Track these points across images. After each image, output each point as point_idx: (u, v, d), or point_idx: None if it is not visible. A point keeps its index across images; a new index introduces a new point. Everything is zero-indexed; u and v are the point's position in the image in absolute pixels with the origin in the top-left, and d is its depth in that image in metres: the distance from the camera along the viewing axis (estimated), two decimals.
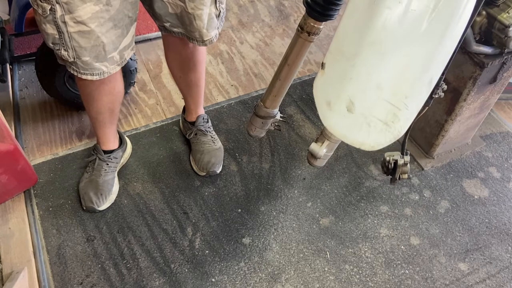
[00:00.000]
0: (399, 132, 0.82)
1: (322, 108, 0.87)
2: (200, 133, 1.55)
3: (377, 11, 0.75)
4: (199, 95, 1.52)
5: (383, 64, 0.78)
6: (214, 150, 1.54)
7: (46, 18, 1.02)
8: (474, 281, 1.34)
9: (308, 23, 0.95)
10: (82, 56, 1.09)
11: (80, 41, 1.06)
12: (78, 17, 1.02)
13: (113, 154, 1.45)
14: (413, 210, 1.51)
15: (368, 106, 0.81)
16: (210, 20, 1.18)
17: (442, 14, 0.73)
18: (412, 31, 0.75)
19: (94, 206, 1.39)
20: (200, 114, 1.57)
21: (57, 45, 1.07)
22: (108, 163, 1.44)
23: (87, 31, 1.04)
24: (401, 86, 0.78)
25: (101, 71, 1.15)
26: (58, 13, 1.01)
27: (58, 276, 1.27)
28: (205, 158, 1.51)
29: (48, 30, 1.05)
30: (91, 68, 1.13)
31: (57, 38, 1.06)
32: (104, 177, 1.42)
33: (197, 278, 1.29)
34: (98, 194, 1.40)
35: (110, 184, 1.43)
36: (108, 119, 1.38)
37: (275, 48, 2.12)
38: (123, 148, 1.51)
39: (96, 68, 1.13)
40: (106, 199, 1.41)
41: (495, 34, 1.21)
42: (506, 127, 1.82)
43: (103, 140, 1.44)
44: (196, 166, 1.53)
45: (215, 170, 1.52)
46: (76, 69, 1.13)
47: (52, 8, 1.00)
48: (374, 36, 0.76)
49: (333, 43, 0.85)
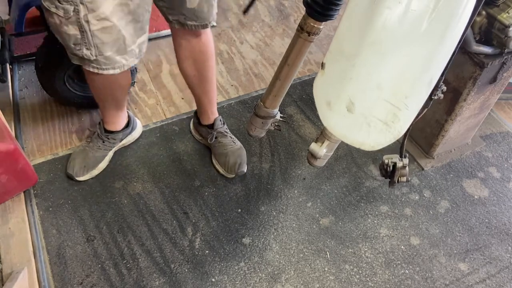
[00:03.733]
0: (399, 132, 0.82)
1: (322, 108, 0.87)
2: (221, 135, 1.56)
3: (377, 11, 0.75)
4: (213, 91, 1.52)
5: (383, 64, 0.78)
6: (237, 150, 1.55)
7: (69, 20, 1.02)
8: (474, 281, 1.34)
9: (308, 23, 0.95)
10: (104, 52, 1.11)
11: (103, 37, 1.07)
12: (101, 14, 1.03)
13: (111, 135, 1.52)
14: (413, 210, 1.51)
15: (368, 106, 0.81)
16: None
17: (442, 14, 0.73)
18: (412, 31, 0.75)
19: (73, 174, 1.47)
20: (217, 116, 1.57)
21: (78, 45, 1.08)
22: (104, 141, 1.51)
23: (109, 27, 1.06)
24: (401, 86, 0.78)
25: (121, 64, 1.17)
26: (82, 13, 1.01)
27: (58, 276, 1.27)
28: (231, 160, 1.51)
29: (70, 31, 1.05)
30: (113, 62, 1.15)
31: (79, 38, 1.06)
32: (95, 153, 1.49)
33: (197, 278, 1.29)
34: (82, 165, 1.47)
35: (97, 161, 1.50)
36: (114, 105, 1.45)
37: (275, 48, 2.12)
38: (126, 131, 1.56)
39: (118, 61, 1.15)
40: (87, 172, 1.48)
41: (495, 34, 1.21)
42: (506, 127, 1.82)
43: (106, 120, 1.51)
44: (223, 169, 1.53)
45: (243, 170, 1.53)
46: (97, 66, 1.14)
47: (75, 9, 1.01)
48: (374, 36, 0.76)
49: (333, 43, 0.85)
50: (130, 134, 1.58)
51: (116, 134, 1.52)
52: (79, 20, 1.02)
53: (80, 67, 1.56)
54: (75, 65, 1.54)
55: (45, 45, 1.51)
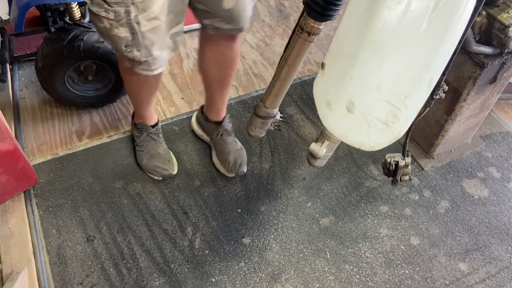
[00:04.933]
0: (399, 132, 0.82)
1: (322, 108, 0.87)
2: (226, 133, 1.55)
3: (377, 11, 0.75)
4: (228, 92, 1.52)
5: (383, 64, 0.78)
6: (238, 150, 1.55)
7: (120, 22, 1.00)
8: (474, 281, 1.34)
9: (308, 23, 0.95)
10: (153, 52, 1.09)
11: (152, 37, 1.06)
12: (152, 13, 1.01)
13: (158, 126, 1.56)
14: (413, 210, 1.51)
15: (368, 106, 0.81)
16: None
17: (442, 14, 0.73)
18: (412, 31, 0.75)
19: (169, 172, 1.49)
20: (226, 114, 1.58)
21: (129, 47, 1.06)
22: (158, 134, 1.55)
23: (158, 26, 1.04)
24: (401, 86, 0.78)
25: (164, 62, 1.16)
26: (133, 14, 0.99)
27: (58, 276, 1.27)
28: (231, 159, 1.51)
29: (121, 34, 1.03)
30: (159, 61, 1.13)
31: (130, 40, 1.04)
32: (162, 147, 1.54)
33: (197, 278, 1.29)
34: (166, 161, 1.51)
35: (168, 151, 1.55)
36: (149, 100, 1.46)
37: (275, 48, 2.12)
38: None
39: (162, 58, 1.14)
40: (174, 164, 1.53)
41: (495, 34, 1.21)
42: (506, 127, 1.82)
43: (148, 117, 1.52)
44: (223, 168, 1.53)
45: (243, 170, 1.53)
46: (146, 68, 1.13)
47: (126, 10, 0.99)
48: (374, 36, 0.76)
49: (333, 43, 0.85)
50: None
51: (160, 123, 1.57)
52: (130, 22, 1.00)
53: (79, 67, 1.59)
54: (75, 65, 1.56)
55: (45, 45, 1.51)
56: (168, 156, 1.53)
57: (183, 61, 2.00)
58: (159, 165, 1.49)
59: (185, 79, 1.92)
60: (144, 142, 1.52)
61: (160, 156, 1.51)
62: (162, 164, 1.49)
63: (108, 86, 1.67)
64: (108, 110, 1.74)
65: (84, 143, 1.61)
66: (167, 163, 1.50)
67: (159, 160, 1.50)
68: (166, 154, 1.53)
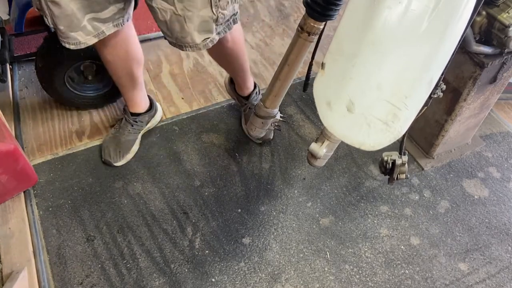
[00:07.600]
0: (399, 132, 0.82)
1: (322, 108, 0.87)
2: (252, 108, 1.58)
3: (377, 11, 0.75)
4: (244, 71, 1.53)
5: (383, 64, 0.78)
6: None
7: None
8: (474, 281, 1.34)
9: (308, 23, 0.95)
10: (58, 25, 1.14)
11: (54, 10, 1.10)
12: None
13: (139, 117, 1.57)
14: (413, 210, 1.51)
15: (368, 106, 0.81)
16: (203, 23, 1.11)
17: (442, 14, 0.73)
18: (412, 31, 0.75)
19: (111, 160, 1.52)
20: (252, 90, 1.62)
21: (41, 11, 1.13)
22: (133, 124, 1.56)
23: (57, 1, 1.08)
24: (401, 86, 0.79)
25: (77, 41, 1.18)
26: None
27: (58, 276, 1.27)
28: None
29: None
30: (67, 37, 1.17)
31: (38, 3, 1.11)
32: (127, 137, 1.55)
33: (197, 278, 1.29)
34: (117, 150, 1.53)
35: (130, 144, 1.55)
36: (129, 84, 1.47)
37: (275, 48, 2.12)
38: (151, 113, 1.61)
39: (72, 37, 1.17)
40: (123, 157, 1.53)
41: (495, 34, 1.21)
42: (506, 127, 1.82)
43: (129, 103, 1.55)
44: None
45: (269, 137, 1.63)
46: (60, 36, 1.18)
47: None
48: (374, 36, 0.76)
49: (333, 43, 0.85)
50: (154, 117, 1.63)
51: (143, 116, 1.58)
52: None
53: (79, 67, 1.59)
54: (75, 65, 1.56)
55: (45, 45, 1.51)
56: (125, 148, 1.54)
57: (183, 61, 2.00)
58: (110, 149, 1.53)
59: (185, 79, 1.92)
60: (119, 124, 1.58)
61: (118, 143, 1.54)
62: (113, 150, 1.53)
63: (108, 86, 1.67)
64: (108, 110, 1.74)
65: (84, 143, 1.61)
66: (117, 153, 1.53)
67: (113, 146, 1.53)
68: (124, 145, 1.54)
